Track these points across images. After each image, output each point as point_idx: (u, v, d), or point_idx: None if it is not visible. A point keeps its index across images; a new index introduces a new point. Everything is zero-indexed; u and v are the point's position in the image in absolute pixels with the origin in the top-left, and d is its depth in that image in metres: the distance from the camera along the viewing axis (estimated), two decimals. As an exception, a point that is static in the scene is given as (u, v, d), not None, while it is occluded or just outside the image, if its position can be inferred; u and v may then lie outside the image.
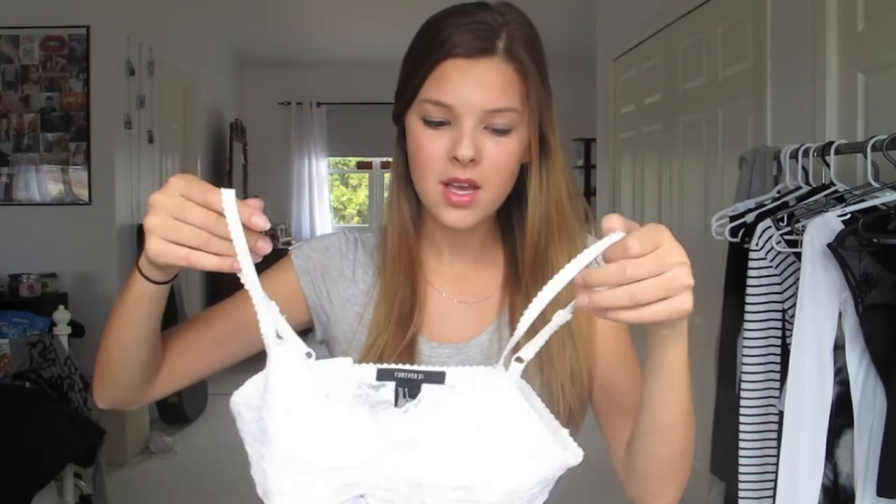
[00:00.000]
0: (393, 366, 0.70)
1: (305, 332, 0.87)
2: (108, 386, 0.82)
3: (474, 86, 0.77)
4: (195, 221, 0.61)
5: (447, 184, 0.79)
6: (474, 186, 0.79)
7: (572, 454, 0.62)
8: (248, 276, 0.60)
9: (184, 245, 0.62)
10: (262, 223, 0.61)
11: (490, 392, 0.60)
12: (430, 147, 0.79)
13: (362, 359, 0.83)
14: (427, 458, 0.60)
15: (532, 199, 0.85)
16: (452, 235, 0.89)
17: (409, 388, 0.67)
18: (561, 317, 0.61)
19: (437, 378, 0.66)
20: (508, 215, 0.89)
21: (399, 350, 0.83)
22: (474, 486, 0.59)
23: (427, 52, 0.79)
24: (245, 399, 0.65)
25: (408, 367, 0.68)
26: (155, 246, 0.62)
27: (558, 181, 0.85)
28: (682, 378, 0.70)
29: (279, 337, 0.64)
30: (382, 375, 0.67)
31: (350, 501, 0.61)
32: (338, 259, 0.91)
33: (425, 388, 0.64)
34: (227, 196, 0.59)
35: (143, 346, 0.78)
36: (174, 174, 0.64)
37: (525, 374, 0.65)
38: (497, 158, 0.79)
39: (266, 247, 0.62)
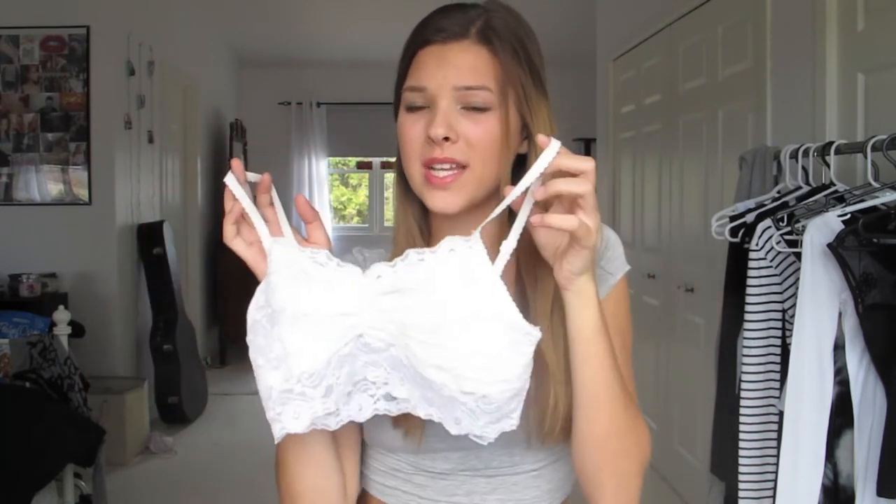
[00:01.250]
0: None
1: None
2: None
3: (446, 66, 0.80)
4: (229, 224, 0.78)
5: (429, 167, 0.80)
6: (456, 166, 0.79)
7: (535, 330, 0.70)
8: (246, 205, 0.77)
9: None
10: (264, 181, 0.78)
11: (466, 253, 0.69)
12: (411, 131, 0.81)
13: None
14: (410, 303, 0.68)
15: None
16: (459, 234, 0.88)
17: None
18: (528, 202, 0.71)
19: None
20: None
21: None
22: (447, 330, 0.67)
23: (408, 46, 0.85)
24: (256, 304, 0.74)
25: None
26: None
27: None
28: (596, 346, 0.74)
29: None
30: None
31: (352, 341, 0.70)
32: None
33: (410, 251, 0.72)
34: (228, 179, 0.76)
35: (322, 456, 0.83)
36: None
37: None
38: (474, 136, 0.79)
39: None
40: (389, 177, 7.59)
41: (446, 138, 0.78)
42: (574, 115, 5.61)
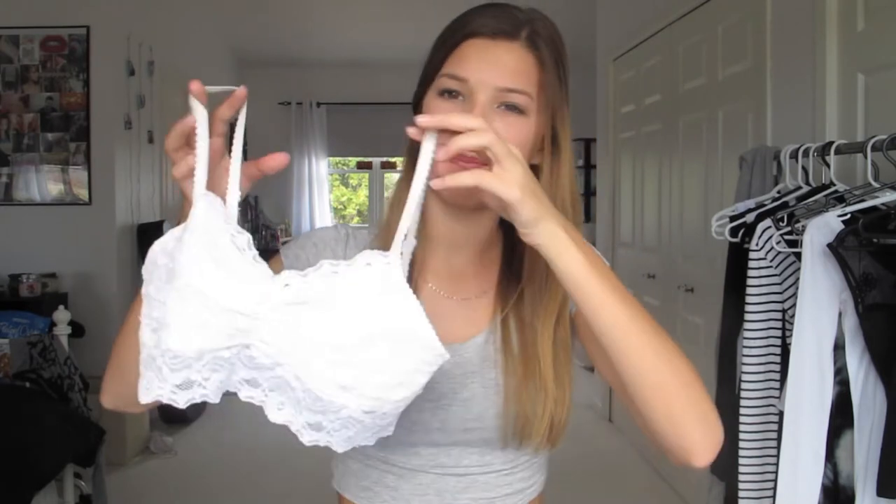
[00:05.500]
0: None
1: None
2: (116, 379, 0.81)
3: (492, 64, 0.79)
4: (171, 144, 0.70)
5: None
6: (480, 164, 0.78)
7: (445, 352, 0.66)
8: (200, 135, 0.68)
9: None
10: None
11: (384, 268, 0.64)
12: None
13: None
14: (317, 317, 0.63)
15: None
16: (453, 231, 0.88)
17: None
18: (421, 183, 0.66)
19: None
20: None
21: None
22: (356, 347, 0.62)
23: (452, 33, 0.82)
24: (162, 246, 0.67)
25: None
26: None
27: (563, 184, 0.84)
28: (588, 287, 0.68)
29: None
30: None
31: (236, 349, 0.64)
32: (327, 254, 0.90)
33: (324, 261, 0.67)
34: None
35: None
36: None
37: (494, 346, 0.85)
38: (505, 137, 0.78)
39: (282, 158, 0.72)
40: (389, 177, 7.59)
41: None
42: (574, 115, 5.57)
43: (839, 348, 1.41)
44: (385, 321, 0.63)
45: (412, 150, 0.85)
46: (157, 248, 0.67)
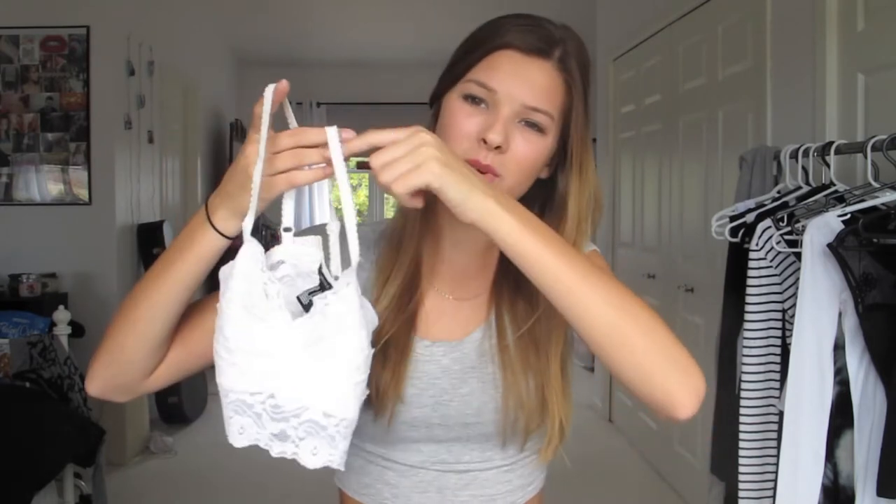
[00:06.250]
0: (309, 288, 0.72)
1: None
2: (111, 365, 0.78)
3: (523, 80, 0.79)
4: (285, 145, 0.68)
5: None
6: (493, 175, 0.79)
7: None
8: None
9: (282, 171, 0.68)
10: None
11: (355, 282, 0.67)
12: (464, 123, 0.80)
13: None
14: (326, 351, 0.65)
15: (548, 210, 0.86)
16: (458, 230, 0.88)
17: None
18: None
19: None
20: None
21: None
22: (361, 364, 0.66)
23: (485, 39, 0.82)
24: (223, 274, 0.70)
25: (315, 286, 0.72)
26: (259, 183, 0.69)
27: (583, 204, 0.85)
28: (524, 245, 0.69)
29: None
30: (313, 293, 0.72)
31: (261, 396, 0.67)
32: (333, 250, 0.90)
33: (316, 298, 0.69)
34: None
35: (171, 316, 0.77)
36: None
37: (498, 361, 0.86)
38: (522, 153, 0.80)
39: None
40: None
41: (498, 147, 0.78)
42: (574, 115, 5.60)
43: (839, 348, 1.41)
44: (369, 327, 0.68)
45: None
46: (221, 275, 0.70)
